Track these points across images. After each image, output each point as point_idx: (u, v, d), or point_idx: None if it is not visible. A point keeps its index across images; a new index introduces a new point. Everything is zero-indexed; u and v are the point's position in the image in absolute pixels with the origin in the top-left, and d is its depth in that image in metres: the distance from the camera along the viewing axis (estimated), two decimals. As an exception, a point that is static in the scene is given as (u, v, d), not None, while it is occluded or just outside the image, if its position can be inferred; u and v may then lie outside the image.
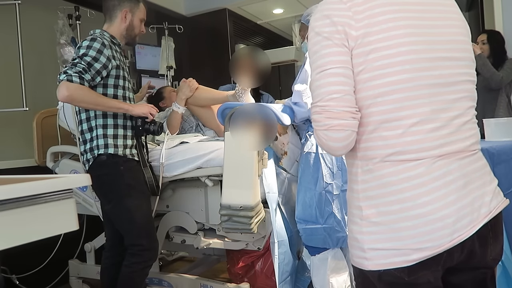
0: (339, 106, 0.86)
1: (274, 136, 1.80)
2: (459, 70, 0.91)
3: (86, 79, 1.70)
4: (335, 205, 1.83)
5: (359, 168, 0.92)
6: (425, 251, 0.84)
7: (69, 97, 1.66)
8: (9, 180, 0.89)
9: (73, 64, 1.70)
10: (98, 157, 1.81)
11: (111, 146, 1.82)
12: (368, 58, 0.86)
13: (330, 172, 1.84)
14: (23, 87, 2.52)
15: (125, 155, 1.85)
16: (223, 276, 2.58)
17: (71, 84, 1.65)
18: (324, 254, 1.86)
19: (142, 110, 1.85)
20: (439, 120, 0.86)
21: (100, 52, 1.74)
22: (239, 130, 1.68)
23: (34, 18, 2.84)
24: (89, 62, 1.72)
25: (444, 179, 0.86)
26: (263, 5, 4.20)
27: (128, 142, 1.88)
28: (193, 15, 4.19)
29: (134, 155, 1.90)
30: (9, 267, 2.44)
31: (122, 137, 1.86)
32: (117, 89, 1.85)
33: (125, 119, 1.88)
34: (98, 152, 1.81)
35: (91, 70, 1.72)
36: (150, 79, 3.16)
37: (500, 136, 2.05)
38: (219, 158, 1.90)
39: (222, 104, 1.81)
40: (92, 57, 1.73)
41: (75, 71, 1.67)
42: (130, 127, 1.90)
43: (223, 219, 1.70)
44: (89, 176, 0.97)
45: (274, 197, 1.88)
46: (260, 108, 1.76)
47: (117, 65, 1.83)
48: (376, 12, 0.86)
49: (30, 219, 0.84)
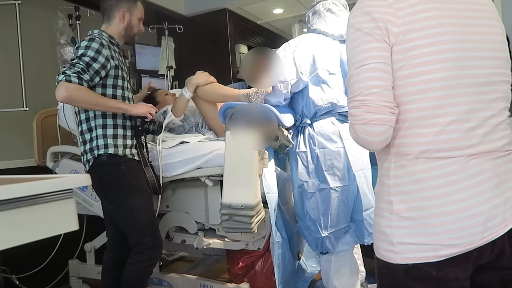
0: (378, 100, 0.87)
1: (274, 136, 1.81)
2: (496, 70, 0.91)
3: (85, 80, 1.69)
4: (309, 204, 1.83)
5: (392, 164, 0.93)
6: (455, 247, 0.85)
7: (68, 97, 1.67)
8: (9, 180, 0.89)
9: (71, 65, 1.70)
10: (98, 158, 1.82)
11: (111, 146, 1.82)
12: (408, 55, 0.86)
13: (306, 170, 1.84)
14: (23, 87, 2.51)
15: (125, 155, 1.86)
16: (223, 276, 2.58)
17: (69, 85, 1.65)
18: (328, 256, 1.85)
19: (141, 110, 1.85)
20: (475, 119, 0.87)
21: (98, 52, 1.74)
22: (239, 130, 1.68)
23: (34, 18, 2.84)
24: (87, 62, 1.71)
25: (478, 177, 0.86)
26: (263, 5, 4.20)
27: (128, 142, 1.88)
28: (193, 15, 4.19)
29: (134, 154, 1.90)
30: (9, 267, 2.44)
31: (122, 137, 1.86)
32: (116, 89, 1.85)
33: (124, 119, 1.88)
34: (98, 153, 1.81)
35: (90, 71, 1.72)
36: (150, 79, 3.16)
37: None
38: (219, 158, 1.90)
39: (223, 104, 1.81)
40: (91, 57, 1.72)
41: (74, 72, 1.67)
42: (129, 127, 1.90)
43: (223, 218, 1.71)
44: (89, 176, 0.97)
45: (274, 197, 1.88)
46: (260, 109, 1.76)
47: (116, 65, 1.83)
48: (418, 9, 0.87)
49: (30, 219, 0.84)
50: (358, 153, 1.83)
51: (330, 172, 1.80)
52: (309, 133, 1.85)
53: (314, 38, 1.89)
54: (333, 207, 1.79)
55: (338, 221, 1.81)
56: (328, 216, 1.80)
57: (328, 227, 1.80)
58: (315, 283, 2.37)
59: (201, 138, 2.16)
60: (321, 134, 1.82)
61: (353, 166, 1.80)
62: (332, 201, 1.79)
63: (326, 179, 1.80)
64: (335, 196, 1.79)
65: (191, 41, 4.17)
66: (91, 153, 1.83)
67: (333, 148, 1.80)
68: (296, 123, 1.92)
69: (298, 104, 1.90)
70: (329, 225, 1.80)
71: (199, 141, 2.09)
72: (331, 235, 1.81)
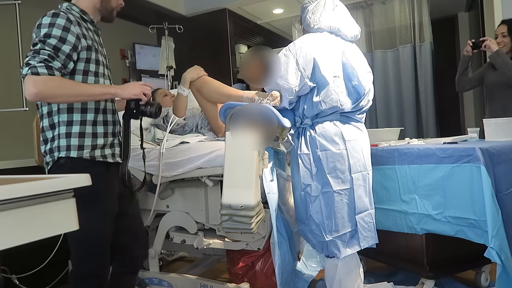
0: None
1: (274, 136, 1.80)
2: None
3: (56, 68, 1.38)
4: (313, 207, 1.80)
5: None
6: None
7: (38, 94, 1.36)
8: (9, 180, 0.89)
9: (35, 52, 1.38)
10: (57, 161, 1.49)
11: (74, 148, 1.49)
12: None
13: (309, 173, 1.82)
14: (23, 87, 2.51)
15: (93, 158, 1.52)
16: (223, 276, 2.58)
17: (37, 78, 1.34)
18: (335, 260, 1.83)
19: (133, 91, 1.54)
20: None
21: (66, 30, 1.41)
22: (239, 130, 1.68)
23: (34, 18, 2.83)
24: (54, 45, 1.39)
25: None
26: (263, 5, 4.20)
27: (99, 142, 1.54)
28: (193, 15, 4.19)
29: (107, 156, 1.57)
30: (9, 267, 2.44)
31: (91, 136, 1.52)
32: (87, 76, 1.51)
33: (96, 113, 1.54)
34: (58, 155, 1.49)
35: (60, 55, 1.40)
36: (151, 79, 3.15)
37: (500, 136, 2.05)
38: (219, 158, 1.90)
39: (224, 104, 1.81)
40: (58, 38, 1.40)
41: (40, 60, 1.36)
42: (102, 123, 1.56)
43: (223, 218, 1.71)
44: (89, 176, 0.96)
45: (274, 198, 1.88)
46: (260, 109, 1.76)
47: (87, 46, 1.49)
48: None
49: (30, 219, 0.84)
50: (359, 155, 1.82)
51: (333, 175, 1.77)
52: (310, 135, 1.83)
53: (315, 40, 1.84)
54: (337, 211, 1.77)
55: (343, 225, 1.78)
56: (332, 219, 1.77)
57: (333, 231, 1.77)
58: (315, 283, 2.37)
59: (201, 138, 2.16)
60: (323, 136, 1.79)
61: (352, 168, 1.78)
62: (336, 205, 1.77)
63: (328, 182, 1.77)
64: (339, 199, 1.77)
65: (191, 41, 4.18)
66: (50, 155, 1.51)
67: (335, 150, 1.78)
68: (297, 124, 1.90)
69: (299, 106, 1.87)
70: (333, 229, 1.77)
71: (199, 141, 2.09)
72: (336, 240, 1.78)
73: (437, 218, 1.87)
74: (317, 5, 1.89)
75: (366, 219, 1.81)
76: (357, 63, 1.87)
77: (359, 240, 1.79)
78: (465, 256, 2.03)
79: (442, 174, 1.85)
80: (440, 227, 1.87)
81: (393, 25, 3.93)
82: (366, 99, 1.88)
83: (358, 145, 1.82)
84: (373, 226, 1.83)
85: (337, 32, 1.88)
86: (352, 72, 1.82)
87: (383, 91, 3.97)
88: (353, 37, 1.92)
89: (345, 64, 1.82)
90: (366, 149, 1.87)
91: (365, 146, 1.87)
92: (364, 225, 1.80)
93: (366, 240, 1.80)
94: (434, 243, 1.97)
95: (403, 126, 3.68)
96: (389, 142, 2.29)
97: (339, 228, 1.78)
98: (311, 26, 1.89)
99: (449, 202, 1.84)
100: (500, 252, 1.65)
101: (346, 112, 1.83)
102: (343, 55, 1.83)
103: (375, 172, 2.03)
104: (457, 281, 2.24)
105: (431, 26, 3.79)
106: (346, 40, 1.91)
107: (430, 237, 1.95)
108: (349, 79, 1.82)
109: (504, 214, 1.73)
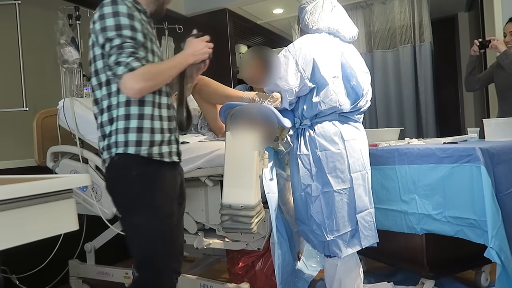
0: None
1: (274, 136, 1.80)
2: None
3: (141, 57, 1.33)
4: (313, 207, 1.81)
5: None
6: None
7: (142, 89, 1.32)
8: (9, 180, 0.89)
9: (118, 48, 1.31)
10: (115, 157, 1.40)
11: (132, 144, 1.38)
12: None
13: (309, 173, 1.82)
14: (23, 87, 2.51)
15: (150, 156, 1.40)
16: (223, 276, 2.58)
17: (135, 73, 1.29)
18: (335, 260, 1.84)
19: (202, 49, 1.48)
20: None
21: (131, 18, 1.35)
22: (239, 130, 1.68)
23: (34, 18, 2.84)
24: (130, 36, 1.33)
25: None
26: (263, 5, 4.20)
27: (156, 138, 1.42)
28: (193, 15, 4.19)
29: (163, 154, 1.44)
30: (9, 267, 2.44)
31: (149, 131, 1.40)
32: None
33: (153, 107, 1.42)
34: (116, 151, 1.39)
35: (137, 44, 1.34)
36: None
37: (500, 136, 2.05)
38: (219, 158, 1.90)
39: (224, 104, 1.81)
40: (129, 28, 1.33)
41: (128, 55, 1.31)
42: (158, 118, 1.44)
43: (223, 218, 1.71)
44: (89, 176, 0.97)
45: (274, 198, 1.88)
46: (260, 109, 1.76)
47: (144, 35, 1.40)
48: None
49: (30, 219, 0.84)
50: (358, 154, 1.82)
51: (333, 175, 1.78)
52: (309, 135, 1.83)
53: (315, 41, 1.84)
54: (338, 210, 1.77)
55: (343, 224, 1.78)
56: (333, 219, 1.78)
57: (334, 230, 1.78)
58: (315, 283, 2.37)
59: (201, 138, 2.16)
60: (322, 136, 1.80)
61: (351, 168, 1.79)
62: (336, 204, 1.77)
63: (329, 182, 1.78)
64: (339, 199, 1.78)
65: (191, 41, 4.17)
66: (108, 151, 1.41)
67: (335, 150, 1.78)
68: (296, 124, 1.90)
69: (298, 106, 1.88)
70: (334, 229, 1.78)
71: (199, 141, 2.09)
72: (337, 239, 1.78)
73: (437, 218, 1.87)
74: (315, 6, 1.89)
75: (366, 218, 1.81)
76: (356, 64, 1.87)
77: (360, 239, 1.79)
78: (465, 256, 2.03)
79: (442, 174, 1.85)
80: (440, 227, 1.87)
81: (393, 25, 3.93)
82: (364, 100, 1.89)
83: (357, 145, 1.83)
84: (373, 225, 1.84)
85: (336, 33, 1.88)
86: (351, 72, 1.83)
87: (383, 91, 3.97)
88: (351, 38, 1.93)
89: (344, 65, 1.83)
90: (365, 149, 1.88)
91: (363, 146, 1.87)
92: (364, 224, 1.80)
93: (367, 239, 1.81)
94: (434, 243, 1.98)
95: (403, 126, 3.68)
96: (389, 142, 2.29)
97: (340, 227, 1.78)
98: (309, 26, 1.90)
99: (449, 202, 1.84)
100: (500, 252, 1.66)
101: (344, 112, 1.84)
102: (342, 55, 1.84)
103: (375, 172, 2.03)
104: (457, 281, 2.24)
105: (431, 26, 3.79)
106: (344, 41, 1.92)
107: (430, 237, 1.95)
108: (348, 80, 1.82)
109: (504, 214, 1.73)
